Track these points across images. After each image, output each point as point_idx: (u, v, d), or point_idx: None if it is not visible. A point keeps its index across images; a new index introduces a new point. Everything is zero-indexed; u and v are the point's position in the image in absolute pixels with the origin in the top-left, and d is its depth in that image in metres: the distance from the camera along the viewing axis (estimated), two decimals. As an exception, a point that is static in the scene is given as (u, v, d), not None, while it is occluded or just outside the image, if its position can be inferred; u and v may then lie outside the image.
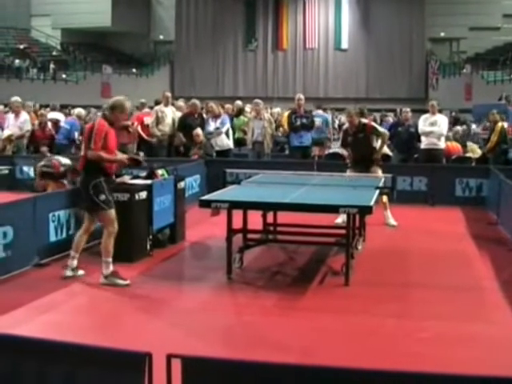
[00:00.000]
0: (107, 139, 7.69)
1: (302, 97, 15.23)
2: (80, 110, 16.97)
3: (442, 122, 14.42)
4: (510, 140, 15.94)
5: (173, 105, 16.53)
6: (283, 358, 4.87)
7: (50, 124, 16.22)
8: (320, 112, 17.87)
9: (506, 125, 15.64)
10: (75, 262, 8.07)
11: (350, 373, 3.33)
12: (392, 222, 11.54)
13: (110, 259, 7.81)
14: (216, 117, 15.36)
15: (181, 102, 16.70)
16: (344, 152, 11.80)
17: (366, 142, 11.34)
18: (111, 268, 7.80)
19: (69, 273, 8.01)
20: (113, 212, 7.83)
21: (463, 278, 8.39)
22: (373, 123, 12.35)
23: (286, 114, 16.08)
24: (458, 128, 17.93)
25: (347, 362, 5.15)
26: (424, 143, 14.55)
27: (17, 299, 7.16)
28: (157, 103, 16.87)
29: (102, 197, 7.68)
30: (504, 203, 11.54)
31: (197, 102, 15.71)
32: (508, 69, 37.65)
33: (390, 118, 22.75)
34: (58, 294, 7.47)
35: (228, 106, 18.11)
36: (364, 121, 11.80)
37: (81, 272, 8.10)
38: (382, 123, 21.93)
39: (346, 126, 12.17)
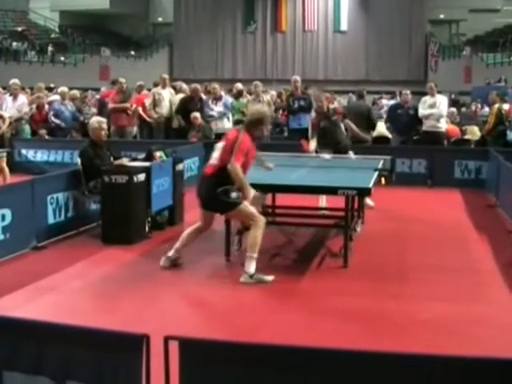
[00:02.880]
0: (248, 156, 7.32)
1: (298, 79, 15.20)
2: (75, 92, 16.88)
3: (441, 103, 14.36)
4: (509, 122, 15.89)
5: (174, 88, 16.49)
6: (282, 340, 4.87)
7: (47, 107, 16.18)
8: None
9: (506, 106, 15.57)
10: (176, 255, 7.75)
11: (349, 354, 3.32)
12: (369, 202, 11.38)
13: (256, 255, 7.26)
14: (217, 99, 15.31)
15: (184, 85, 16.65)
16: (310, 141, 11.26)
17: (337, 128, 11.15)
18: (254, 265, 7.26)
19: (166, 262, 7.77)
20: (247, 205, 7.37)
21: (462, 260, 8.40)
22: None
23: (285, 96, 16.03)
24: (453, 110, 17.85)
25: (346, 343, 5.16)
26: (425, 126, 14.52)
27: (15, 281, 7.17)
28: (156, 85, 16.83)
29: (233, 195, 7.28)
30: (503, 185, 11.53)
31: (198, 86, 15.69)
32: (508, 51, 37.51)
33: (384, 101, 22.52)
34: (57, 277, 7.48)
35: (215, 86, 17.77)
36: (332, 106, 11.68)
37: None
38: (374, 106, 21.90)
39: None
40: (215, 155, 7.42)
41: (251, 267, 7.21)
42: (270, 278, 7.28)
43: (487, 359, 3.24)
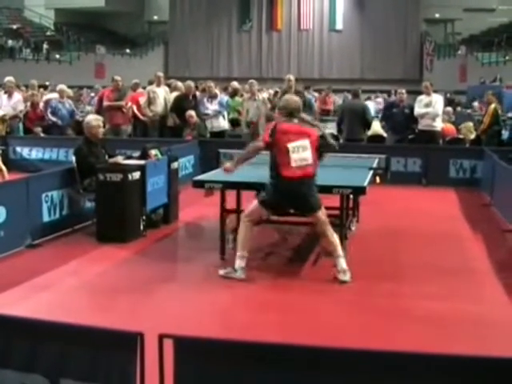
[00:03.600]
0: None
1: (292, 77, 15.15)
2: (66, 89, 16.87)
3: (436, 102, 14.38)
4: (503, 121, 15.95)
5: (169, 86, 16.47)
6: (277, 338, 4.88)
7: (41, 104, 16.15)
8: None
9: (498, 107, 15.61)
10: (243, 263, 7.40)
11: (343, 353, 3.33)
12: None
13: (342, 253, 7.40)
14: (212, 97, 15.31)
15: (179, 83, 16.64)
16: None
17: None
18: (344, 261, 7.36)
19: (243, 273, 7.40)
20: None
21: (456, 259, 8.41)
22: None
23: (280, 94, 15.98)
24: (449, 109, 17.88)
25: (340, 341, 5.16)
26: (420, 124, 14.53)
27: (10, 279, 7.15)
28: (150, 84, 16.83)
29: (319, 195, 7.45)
30: (497, 185, 11.56)
31: (192, 83, 15.67)
32: (503, 50, 37.57)
33: (371, 103, 22.39)
34: (51, 275, 7.46)
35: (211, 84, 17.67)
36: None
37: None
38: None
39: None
40: (304, 155, 7.23)
41: (344, 264, 7.36)
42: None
43: (480, 358, 3.24)
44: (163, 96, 15.58)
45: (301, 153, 7.24)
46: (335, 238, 7.43)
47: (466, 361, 3.21)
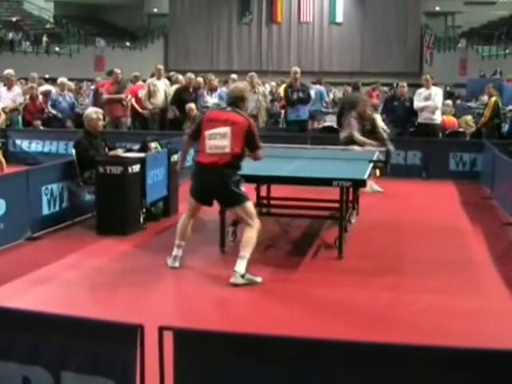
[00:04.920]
0: None
1: (298, 70, 15.13)
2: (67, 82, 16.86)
3: (436, 94, 14.37)
4: (503, 115, 15.93)
5: (169, 79, 16.44)
6: (276, 331, 4.88)
7: (41, 97, 16.14)
8: (317, 86, 17.77)
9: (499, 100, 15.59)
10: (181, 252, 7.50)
11: (342, 345, 3.33)
12: (375, 187, 11.83)
13: (249, 255, 7.00)
14: (212, 90, 15.29)
15: (180, 76, 16.60)
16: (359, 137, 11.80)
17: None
18: (245, 265, 6.97)
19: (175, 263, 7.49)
20: (251, 204, 7.35)
21: (456, 252, 8.41)
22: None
23: (283, 87, 15.99)
24: (448, 102, 17.85)
25: (340, 334, 5.16)
26: (420, 118, 14.53)
27: (10, 272, 7.15)
28: (153, 76, 16.81)
29: (242, 188, 7.20)
30: (498, 178, 11.55)
31: (192, 76, 15.64)
32: (503, 44, 37.52)
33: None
34: (51, 267, 7.46)
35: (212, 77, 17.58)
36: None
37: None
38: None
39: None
40: (220, 143, 7.08)
41: (243, 267, 6.94)
42: (259, 279, 7.05)
43: (480, 350, 3.25)
44: (163, 89, 15.57)
45: (218, 140, 7.10)
46: (253, 236, 7.10)
47: (466, 353, 3.22)
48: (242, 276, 6.94)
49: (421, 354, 3.22)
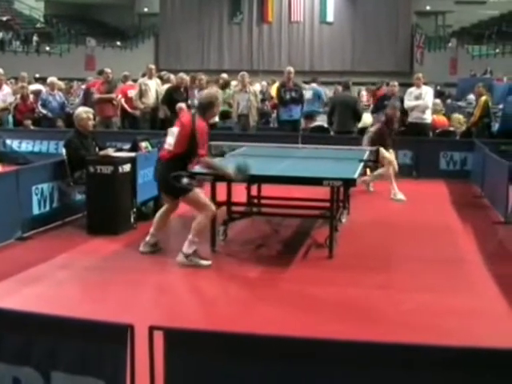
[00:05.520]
0: (207, 141, 7.67)
1: (292, 70, 15.09)
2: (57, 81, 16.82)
3: (426, 93, 14.39)
4: (493, 114, 15.97)
5: (160, 78, 16.41)
6: (267, 330, 4.88)
7: (31, 97, 16.10)
8: (314, 85, 17.72)
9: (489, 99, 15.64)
10: (153, 239, 7.96)
11: (333, 344, 3.33)
12: (399, 196, 11.66)
13: (197, 240, 7.45)
14: (202, 89, 15.25)
15: (172, 76, 16.57)
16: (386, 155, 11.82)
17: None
18: (194, 248, 7.45)
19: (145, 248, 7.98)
20: (199, 192, 7.58)
21: (447, 251, 8.43)
22: None
23: (275, 86, 15.95)
24: (437, 101, 17.88)
25: (331, 333, 5.16)
26: (411, 117, 14.55)
27: (0, 272, 7.13)
28: (144, 76, 16.78)
29: (184, 180, 7.42)
30: (488, 176, 11.59)
31: (184, 75, 15.61)
32: (493, 43, 37.64)
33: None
34: (42, 267, 7.44)
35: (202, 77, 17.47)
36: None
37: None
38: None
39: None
40: (170, 140, 7.57)
41: (189, 249, 7.42)
42: (206, 262, 7.43)
43: (471, 349, 3.26)
44: (155, 88, 15.53)
45: (170, 137, 7.61)
46: (201, 222, 7.46)
47: (456, 352, 3.22)
48: (187, 257, 7.38)
49: (412, 353, 3.23)
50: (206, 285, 6.99)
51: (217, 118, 15.28)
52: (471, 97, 21.89)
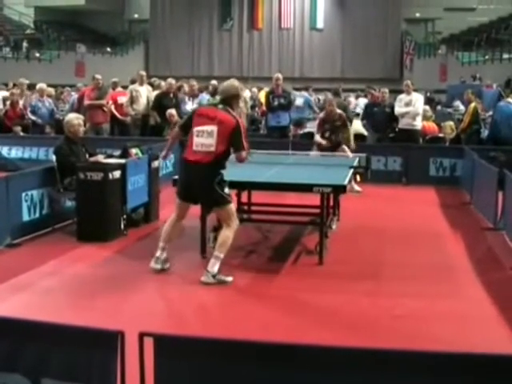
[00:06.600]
0: None
1: (280, 76, 15.14)
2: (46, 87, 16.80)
3: (416, 101, 14.46)
4: (482, 120, 16.05)
5: (151, 85, 16.41)
6: (257, 336, 4.89)
7: (21, 103, 16.08)
8: (304, 93, 17.77)
9: (479, 106, 15.72)
10: (164, 255, 7.53)
11: (322, 350, 3.34)
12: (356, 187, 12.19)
13: (223, 256, 7.14)
14: (193, 96, 15.29)
15: (163, 82, 16.57)
16: (320, 140, 12.04)
17: (341, 130, 12.15)
18: (219, 265, 7.12)
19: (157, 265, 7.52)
20: (233, 206, 7.40)
21: (436, 257, 8.46)
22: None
23: (263, 93, 15.96)
24: (426, 107, 17.96)
25: (322, 339, 5.18)
26: (401, 124, 14.61)
27: (-11, 279, 7.11)
28: (132, 82, 16.78)
29: (227, 190, 7.20)
30: (477, 183, 11.63)
31: (173, 81, 15.61)
32: (483, 50, 37.75)
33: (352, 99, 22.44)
34: (31, 274, 7.43)
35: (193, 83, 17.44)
36: (339, 111, 12.17)
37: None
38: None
39: (322, 115, 12.40)
40: (206, 141, 7.10)
41: (215, 267, 7.07)
42: (229, 278, 7.18)
43: (459, 354, 3.27)
44: (146, 95, 15.54)
45: (204, 138, 7.14)
46: (229, 237, 7.20)
47: (445, 358, 3.24)
48: (214, 276, 7.06)
49: (400, 358, 3.24)
50: (195, 291, 6.98)
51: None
52: (457, 103, 22.02)
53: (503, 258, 8.40)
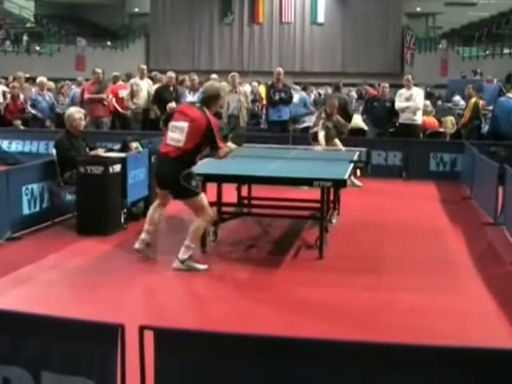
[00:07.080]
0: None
1: (281, 71, 15.13)
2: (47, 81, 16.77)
3: (417, 95, 14.45)
4: (483, 115, 16.03)
5: (151, 79, 16.38)
6: (257, 330, 4.89)
7: (22, 97, 16.06)
8: (301, 92, 17.73)
9: (480, 102, 15.70)
10: (148, 237, 7.76)
11: (325, 344, 3.34)
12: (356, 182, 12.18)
13: (194, 246, 7.38)
14: (194, 90, 15.26)
15: (163, 76, 16.54)
16: (323, 142, 12.01)
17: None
18: (190, 253, 7.34)
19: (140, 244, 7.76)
20: (204, 197, 7.48)
21: (436, 252, 8.45)
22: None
23: (262, 88, 15.93)
24: (427, 102, 17.96)
25: (322, 334, 5.18)
26: (401, 118, 14.60)
27: (-11, 272, 7.12)
28: (128, 76, 16.74)
29: (194, 183, 7.32)
30: (477, 178, 11.63)
31: (172, 74, 15.59)
32: (483, 45, 37.72)
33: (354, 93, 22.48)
34: (32, 268, 7.42)
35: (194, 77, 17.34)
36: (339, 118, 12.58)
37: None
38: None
39: (324, 115, 12.39)
40: (177, 136, 7.31)
41: (185, 254, 7.29)
42: (202, 266, 7.34)
43: (459, 349, 3.27)
44: (146, 89, 15.51)
45: (176, 133, 7.36)
46: (199, 227, 7.38)
47: (445, 352, 3.24)
48: (182, 262, 7.26)
49: (400, 352, 3.24)
50: (196, 286, 6.99)
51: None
52: (457, 98, 22.01)
53: (503, 253, 8.40)
